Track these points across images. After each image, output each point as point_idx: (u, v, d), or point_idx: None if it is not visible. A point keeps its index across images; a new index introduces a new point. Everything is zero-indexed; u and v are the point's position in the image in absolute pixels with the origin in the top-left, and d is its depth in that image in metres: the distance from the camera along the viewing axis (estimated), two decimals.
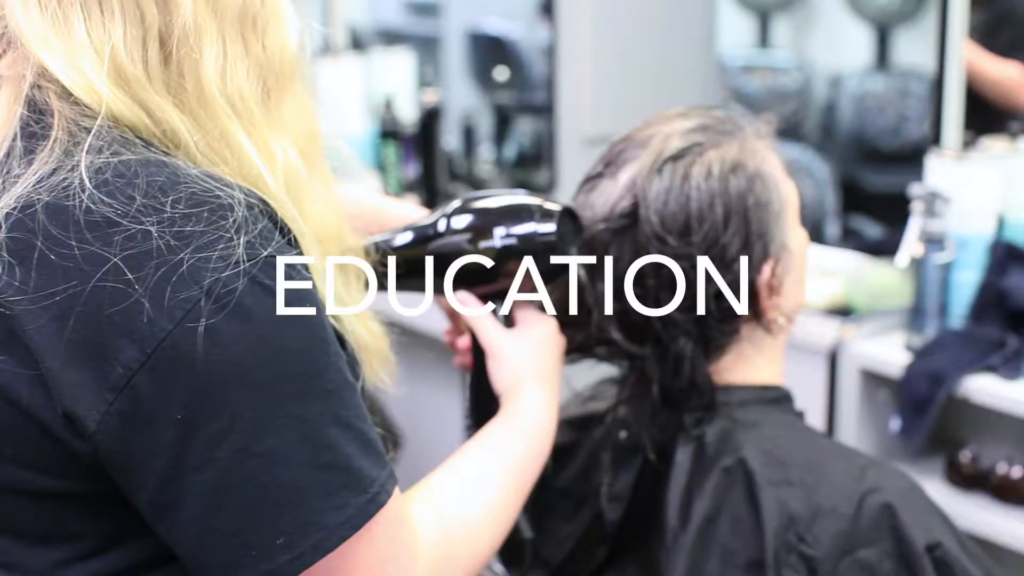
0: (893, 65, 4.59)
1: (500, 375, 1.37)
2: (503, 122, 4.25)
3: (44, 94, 1.00)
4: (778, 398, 1.51)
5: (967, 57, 2.63)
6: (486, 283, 1.38)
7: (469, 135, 4.19)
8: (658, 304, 1.41)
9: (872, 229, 3.79)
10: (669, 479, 1.45)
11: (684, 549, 1.42)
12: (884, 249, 2.83)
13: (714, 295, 1.41)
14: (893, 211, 3.54)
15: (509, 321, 1.41)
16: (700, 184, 1.40)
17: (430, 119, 3.44)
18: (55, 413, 0.95)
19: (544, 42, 4.63)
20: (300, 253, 1.04)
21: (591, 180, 1.49)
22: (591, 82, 3.18)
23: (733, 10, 4.46)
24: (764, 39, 4.87)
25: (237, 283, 0.95)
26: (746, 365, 1.49)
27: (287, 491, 0.97)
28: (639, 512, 1.49)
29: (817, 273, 2.64)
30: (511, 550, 1.54)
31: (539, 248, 1.34)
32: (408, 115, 3.73)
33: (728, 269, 1.41)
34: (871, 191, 4.26)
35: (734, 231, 1.40)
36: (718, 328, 1.45)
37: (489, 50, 4.78)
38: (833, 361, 2.49)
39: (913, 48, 4.59)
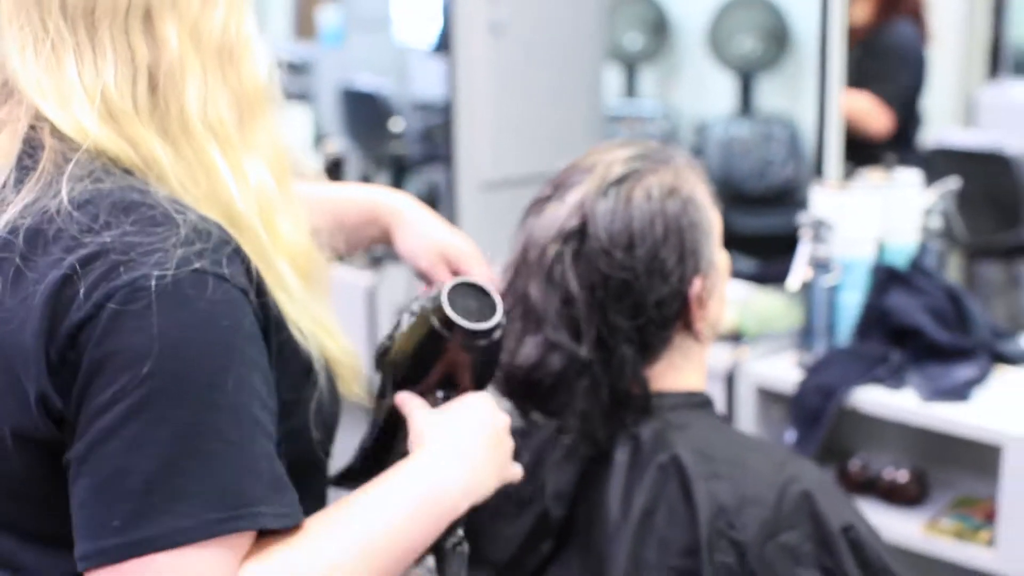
0: (756, 111, 4.82)
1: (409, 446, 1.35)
2: (400, 171, 4.40)
3: (39, 132, 1.15)
4: (703, 403, 1.70)
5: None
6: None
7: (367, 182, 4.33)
8: (605, 313, 1.58)
9: (745, 265, 4.00)
10: (609, 476, 1.63)
11: (625, 539, 1.59)
12: (763, 279, 3.06)
13: (654, 304, 1.59)
14: (763, 250, 3.77)
15: None
16: (642, 205, 1.59)
17: (335, 168, 3.59)
18: (35, 400, 1.09)
19: (414, 96, 4.82)
20: (249, 281, 1.13)
21: (540, 202, 1.66)
22: (489, 131, 3.36)
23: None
24: (631, 89, 5.07)
25: (159, 284, 1.06)
26: (676, 373, 1.68)
27: (134, 480, 1.04)
28: (582, 508, 1.66)
29: None
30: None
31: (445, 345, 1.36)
32: (310, 167, 3.86)
33: (666, 281, 1.59)
34: (740, 234, 4.44)
35: (671, 247, 1.59)
36: (657, 335, 1.62)
37: (362, 105, 4.93)
38: (730, 382, 2.69)
39: (775, 94, 4.81)
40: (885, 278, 2.64)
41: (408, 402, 1.37)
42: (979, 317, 2.63)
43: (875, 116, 3.70)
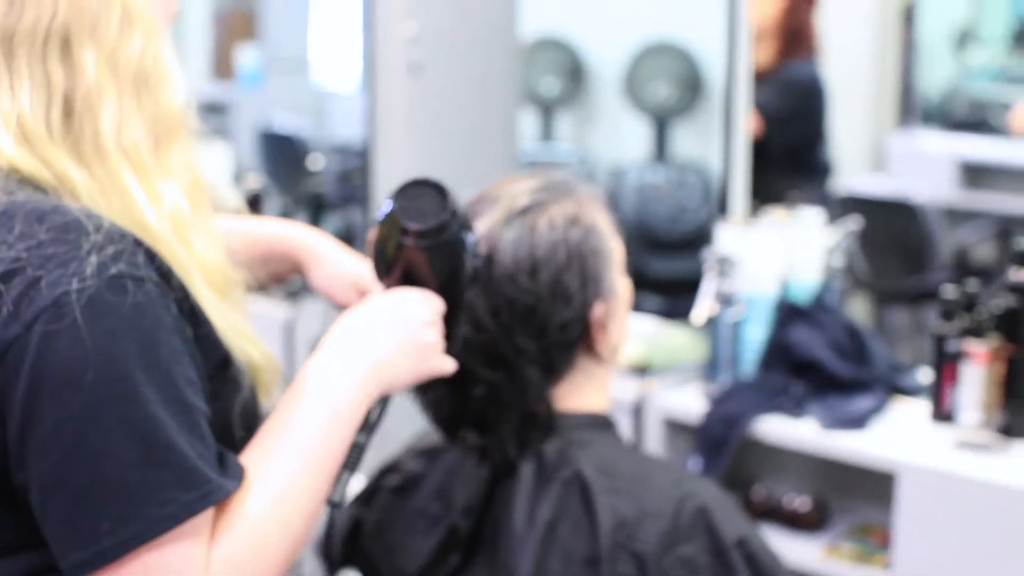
0: (671, 157, 4.92)
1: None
2: (318, 210, 4.47)
3: None
4: (605, 423, 1.80)
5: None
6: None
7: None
8: (511, 336, 1.67)
9: (655, 303, 4.09)
10: (515, 491, 1.72)
11: (530, 551, 1.67)
12: (671, 315, 3.17)
13: (558, 327, 1.68)
14: (676, 292, 3.87)
15: None
16: (545, 233, 1.69)
17: (254, 203, 3.66)
18: None
19: (332, 138, 4.89)
20: (164, 279, 1.20)
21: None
22: (406, 172, 3.42)
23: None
24: (547, 133, 5.16)
25: (81, 296, 1.12)
26: (579, 394, 1.77)
27: (112, 486, 1.12)
28: (488, 521, 1.75)
29: None
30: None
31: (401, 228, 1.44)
32: (231, 202, 3.92)
33: (568, 305, 1.69)
34: (654, 277, 4.53)
35: (573, 273, 1.69)
36: (561, 357, 1.71)
37: (280, 146, 5.00)
38: (638, 413, 2.78)
39: (689, 140, 4.92)
40: (787, 313, 2.76)
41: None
42: (877, 351, 2.75)
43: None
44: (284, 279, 1.90)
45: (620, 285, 1.77)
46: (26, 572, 1.21)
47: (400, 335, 1.40)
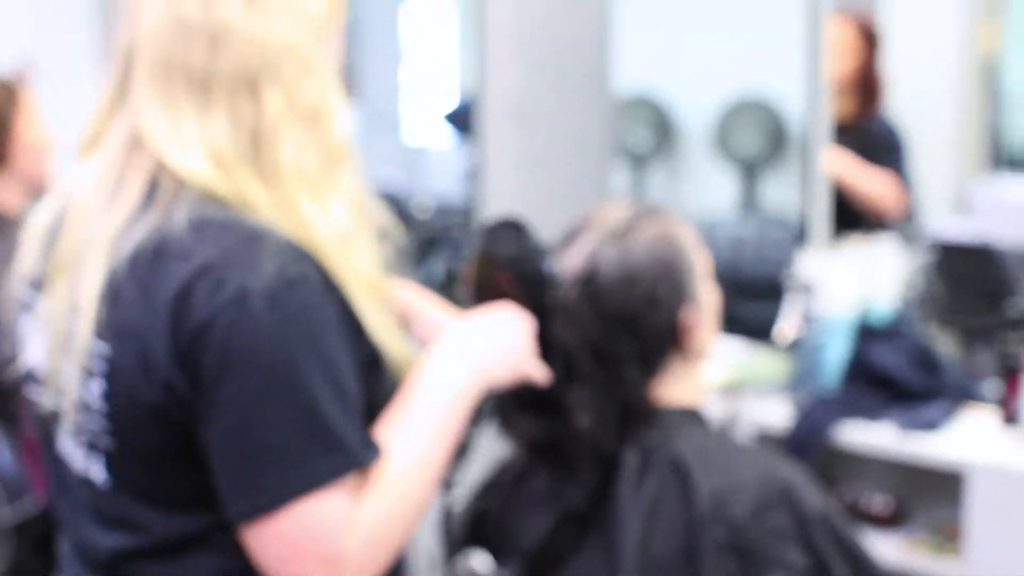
0: (760, 207, 5.17)
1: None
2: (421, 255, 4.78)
3: (160, 175, 1.47)
4: (698, 415, 2.14)
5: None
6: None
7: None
8: (615, 339, 2.03)
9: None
10: (621, 476, 2.05)
11: (636, 523, 2.01)
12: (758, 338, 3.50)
13: (653, 330, 2.04)
14: (763, 335, 4.14)
15: None
16: (639, 250, 2.05)
17: None
18: (163, 385, 1.43)
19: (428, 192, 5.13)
20: (326, 284, 1.45)
21: (556, 251, 2.10)
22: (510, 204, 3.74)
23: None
24: (639, 186, 5.39)
25: (261, 293, 1.38)
26: (672, 390, 2.11)
27: (274, 449, 1.40)
28: (598, 503, 2.08)
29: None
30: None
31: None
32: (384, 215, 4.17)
33: (661, 312, 2.04)
34: (743, 322, 4.75)
35: (664, 284, 2.05)
36: (655, 356, 2.06)
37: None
38: (730, 427, 3.12)
39: (777, 191, 5.17)
40: (866, 334, 3.12)
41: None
42: (948, 366, 3.09)
43: (892, 196, 4.11)
44: None
45: (705, 293, 2.12)
46: (197, 529, 1.50)
47: (500, 341, 1.69)
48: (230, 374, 1.39)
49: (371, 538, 1.46)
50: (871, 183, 3.74)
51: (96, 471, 1.50)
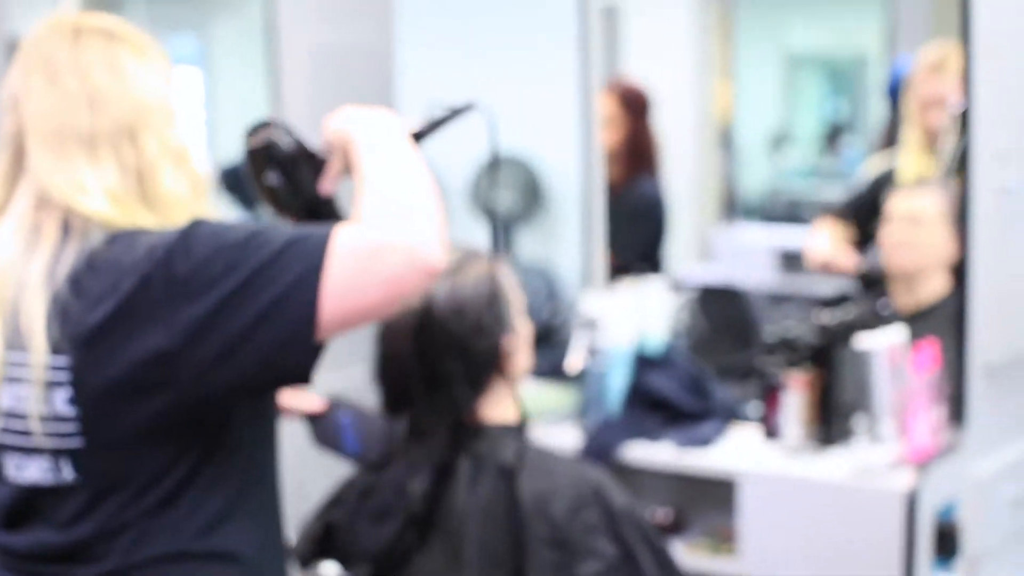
0: (516, 259, 5.53)
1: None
2: None
3: (71, 218, 1.76)
4: (519, 428, 2.52)
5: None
6: None
7: None
8: (445, 363, 2.40)
9: None
10: (457, 481, 2.42)
11: (473, 524, 2.38)
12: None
13: (479, 353, 2.43)
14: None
15: None
16: (467, 286, 2.44)
17: None
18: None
19: None
20: None
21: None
22: None
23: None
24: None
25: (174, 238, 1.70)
26: (495, 408, 2.50)
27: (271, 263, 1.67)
28: (437, 507, 2.43)
29: None
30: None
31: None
32: None
33: (486, 337, 2.42)
34: None
35: (488, 314, 2.44)
36: (481, 376, 2.44)
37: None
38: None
39: (532, 244, 5.56)
40: (642, 363, 3.56)
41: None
42: (716, 390, 3.55)
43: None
44: None
45: (521, 324, 2.50)
46: (211, 517, 1.79)
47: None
48: (184, 294, 1.68)
49: (378, 214, 1.71)
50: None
51: (66, 471, 1.77)
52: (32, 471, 1.78)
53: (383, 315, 1.72)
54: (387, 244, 1.66)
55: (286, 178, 1.95)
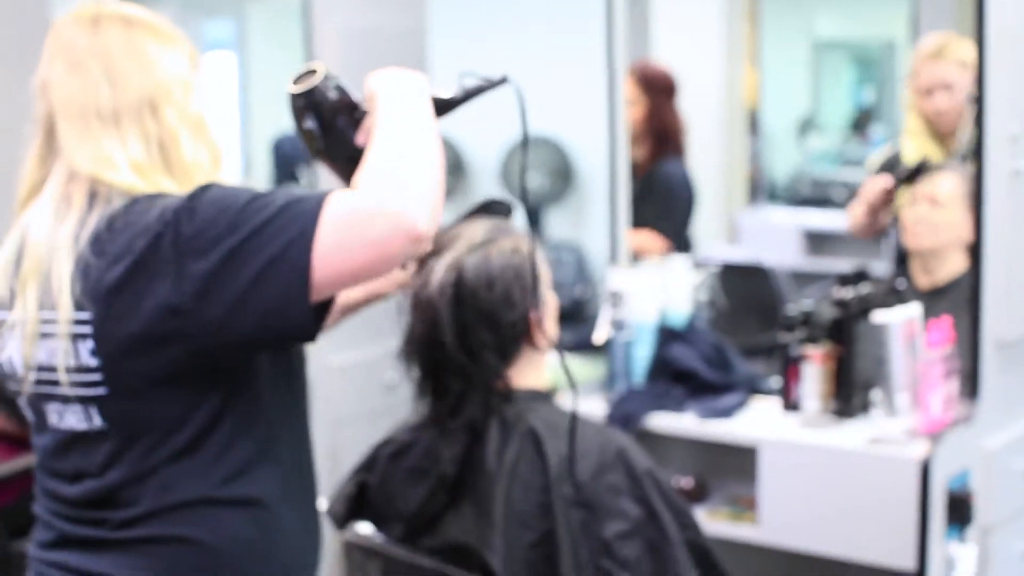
0: (546, 238, 5.65)
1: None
2: None
3: (98, 187, 1.91)
4: (547, 395, 2.64)
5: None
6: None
7: None
8: (477, 332, 2.51)
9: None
10: (486, 445, 2.54)
11: (501, 485, 2.48)
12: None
13: (508, 325, 2.53)
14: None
15: None
16: (497, 259, 2.53)
17: None
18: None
19: None
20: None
21: (423, 261, 2.56)
22: None
23: None
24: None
25: (182, 201, 1.82)
26: (524, 375, 2.61)
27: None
28: (467, 469, 2.54)
29: None
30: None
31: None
32: None
33: (515, 309, 2.53)
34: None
35: (518, 287, 2.54)
36: (511, 346, 2.55)
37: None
38: None
39: (562, 224, 5.67)
40: (666, 335, 3.69)
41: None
42: (738, 362, 3.68)
43: (654, 245, 4.63)
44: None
45: (549, 296, 2.62)
46: (207, 417, 1.92)
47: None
48: (192, 252, 1.80)
49: (376, 176, 1.81)
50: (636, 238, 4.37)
51: (96, 419, 1.92)
52: (70, 418, 1.94)
53: (373, 276, 1.82)
54: (375, 209, 1.76)
55: (322, 125, 2.02)
